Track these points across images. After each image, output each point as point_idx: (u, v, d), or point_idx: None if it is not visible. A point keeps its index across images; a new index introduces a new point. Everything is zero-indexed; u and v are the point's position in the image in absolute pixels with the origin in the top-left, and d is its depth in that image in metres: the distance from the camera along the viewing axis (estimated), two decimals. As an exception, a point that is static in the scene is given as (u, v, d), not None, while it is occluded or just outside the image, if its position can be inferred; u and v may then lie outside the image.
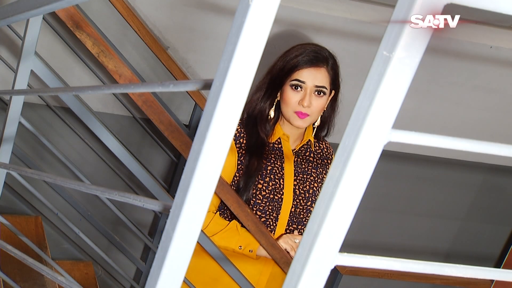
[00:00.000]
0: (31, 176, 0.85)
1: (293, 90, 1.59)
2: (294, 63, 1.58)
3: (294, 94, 1.59)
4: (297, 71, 1.58)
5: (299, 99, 1.58)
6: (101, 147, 2.38)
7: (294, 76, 1.58)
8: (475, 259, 3.54)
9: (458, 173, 3.24)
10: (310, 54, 1.59)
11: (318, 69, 1.59)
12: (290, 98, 1.59)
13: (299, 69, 1.58)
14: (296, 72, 1.58)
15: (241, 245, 1.61)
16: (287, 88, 1.60)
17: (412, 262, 0.44)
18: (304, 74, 1.58)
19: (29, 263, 0.88)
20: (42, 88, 1.87)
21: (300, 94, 1.59)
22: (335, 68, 1.63)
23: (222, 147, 0.43)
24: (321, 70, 1.59)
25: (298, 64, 1.58)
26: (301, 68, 1.58)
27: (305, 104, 1.57)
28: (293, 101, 1.59)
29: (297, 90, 1.59)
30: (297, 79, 1.58)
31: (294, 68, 1.58)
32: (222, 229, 1.61)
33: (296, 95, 1.59)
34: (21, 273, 2.07)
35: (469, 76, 2.86)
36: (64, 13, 1.23)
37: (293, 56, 1.60)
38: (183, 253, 0.45)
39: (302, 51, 1.60)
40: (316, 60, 1.59)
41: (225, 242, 1.61)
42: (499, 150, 0.43)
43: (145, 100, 1.30)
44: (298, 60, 1.58)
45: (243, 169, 1.63)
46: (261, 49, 0.41)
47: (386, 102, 0.39)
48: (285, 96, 1.60)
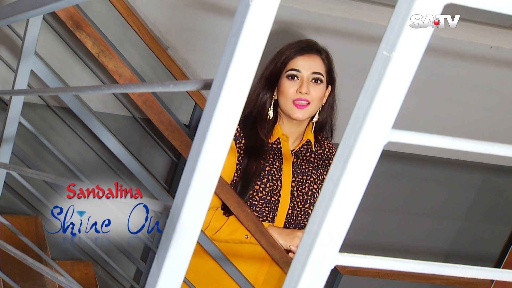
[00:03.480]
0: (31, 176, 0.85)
1: (289, 80, 1.58)
2: (287, 54, 1.59)
3: (291, 84, 1.58)
4: (291, 61, 1.58)
5: (296, 87, 1.58)
6: (101, 147, 2.38)
7: (289, 67, 1.58)
8: (475, 259, 3.54)
9: (458, 173, 3.24)
10: (302, 44, 1.61)
11: (311, 56, 1.59)
12: (287, 88, 1.58)
13: (293, 59, 1.58)
14: (290, 63, 1.58)
15: (247, 234, 1.60)
16: (283, 80, 1.59)
17: (412, 262, 0.44)
18: (298, 63, 1.58)
19: (29, 263, 0.88)
20: (42, 88, 1.87)
21: (297, 83, 1.58)
22: (329, 59, 1.63)
23: (222, 147, 0.43)
24: (315, 58, 1.59)
25: (291, 54, 1.58)
26: (295, 57, 1.58)
27: (304, 91, 1.56)
28: (290, 91, 1.58)
29: (293, 80, 1.58)
30: (292, 68, 1.58)
31: (288, 59, 1.58)
32: (224, 223, 1.61)
33: (294, 84, 1.58)
34: (21, 273, 2.07)
35: (469, 76, 2.86)
36: (64, 13, 1.23)
37: (285, 50, 1.60)
38: (183, 253, 0.45)
39: (293, 44, 1.61)
40: (309, 48, 1.60)
41: (230, 235, 1.61)
42: (499, 150, 0.43)
43: (145, 100, 1.30)
44: (291, 51, 1.59)
45: (241, 170, 1.62)
46: (261, 49, 0.41)
47: (386, 102, 0.39)
48: (282, 88, 1.59)
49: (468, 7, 0.38)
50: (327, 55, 1.63)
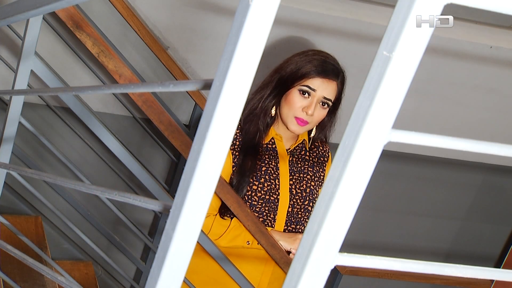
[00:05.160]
0: (31, 176, 0.85)
1: (300, 94, 1.57)
2: (309, 69, 1.56)
3: (300, 99, 1.57)
4: (311, 78, 1.56)
5: (304, 105, 1.57)
6: (101, 147, 2.38)
7: (306, 82, 1.56)
8: (475, 259, 3.54)
9: (458, 173, 3.24)
10: (328, 65, 1.58)
11: (330, 82, 1.58)
12: (295, 102, 1.57)
13: (313, 77, 1.56)
14: (309, 79, 1.56)
15: (248, 241, 1.61)
16: (294, 91, 1.58)
17: (412, 262, 0.44)
18: (316, 83, 1.56)
19: (29, 263, 0.88)
20: (42, 88, 1.87)
21: (306, 101, 1.57)
22: (343, 84, 1.62)
23: (222, 147, 0.43)
24: (332, 84, 1.58)
25: (313, 72, 1.56)
26: (315, 77, 1.56)
27: (309, 113, 1.56)
28: (297, 106, 1.57)
29: (304, 96, 1.57)
30: (309, 85, 1.56)
31: (308, 75, 1.56)
32: (225, 230, 1.61)
33: (303, 100, 1.57)
34: (21, 273, 2.07)
35: (469, 76, 2.86)
36: (64, 13, 1.23)
37: (309, 61, 1.57)
38: (183, 253, 0.45)
39: (319, 59, 1.58)
40: (332, 72, 1.58)
41: (232, 242, 1.61)
42: (499, 150, 0.43)
43: (145, 100, 1.30)
44: (314, 68, 1.56)
45: (237, 167, 1.63)
46: (261, 49, 0.41)
47: (386, 102, 0.39)
48: (291, 99, 1.58)
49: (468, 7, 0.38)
50: (343, 78, 1.62)
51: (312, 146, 1.76)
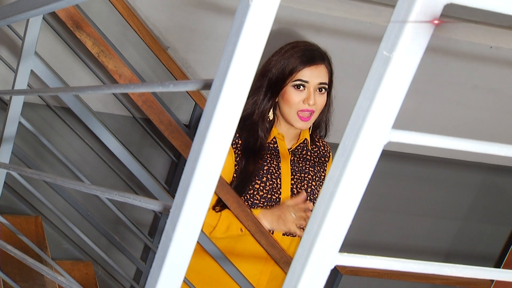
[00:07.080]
0: (31, 176, 0.85)
1: (296, 89, 1.58)
2: (295, 63, 1.57)
3: (297, 94, 1.58)
4: (299, 71, 1.57)
5: (303, 98, 1.58)
6: (101, 147, 2.38)
7: (297, 77, 1.57)
8: (475, 259, 3.54)
9: (458, 173, 3.24)
10: (308, 53, 1.59)
11: (318, 67, 1.59)
12: (293, 98, 1.58)
13: (301, 69, 1.57)
14: (298, 73, 1.57)
15: (241, 228, 1.60)
16: (289, 89, 1.58)
17: (412, 262, 0.44)
18: (306, 73, 1.57)
19: (29, 263, 0.88)
20: (42, 88, 1.87)
21: (303, 93, 1.58)
22: (331, 64, 1.63)
23: (222, 147, 0.43)
24: (321, 67, 1.59)
25: (300, 64, 1.57)
26: (303, 68, 1.57)
27: (311, 103, 1.57)
28: (296, 101, 1.58)
29: (300, 90, 1.58)
30: (300, 79, 1.57)
31: (296, 69, 1.57)
32: (218, 221, 1.61)
33: (300, 94, 1.58)
34: (21, 273, 2.07)
35: (469, 76, 2.86)
36: (64, 13, 1.23)
37: (291, 56, 1.58)
38: (183, 253, 0.45)
39: (299, 50, 1.59)
40: (317, 57, 1.59)
41: (227, 232, 1.61)
42: (499, 150, 0.43)
43: (145, 100, 1.30)
44: (298, 61, 1.57)
45: (239, 170, 1.62)
46: (261, 49, 0.41)
47: (386, 102, 0.39)
48: (288, 97, 1.59)
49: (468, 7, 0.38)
50: (329, 60, 1.63)
51: (313, 146, 1.76)
